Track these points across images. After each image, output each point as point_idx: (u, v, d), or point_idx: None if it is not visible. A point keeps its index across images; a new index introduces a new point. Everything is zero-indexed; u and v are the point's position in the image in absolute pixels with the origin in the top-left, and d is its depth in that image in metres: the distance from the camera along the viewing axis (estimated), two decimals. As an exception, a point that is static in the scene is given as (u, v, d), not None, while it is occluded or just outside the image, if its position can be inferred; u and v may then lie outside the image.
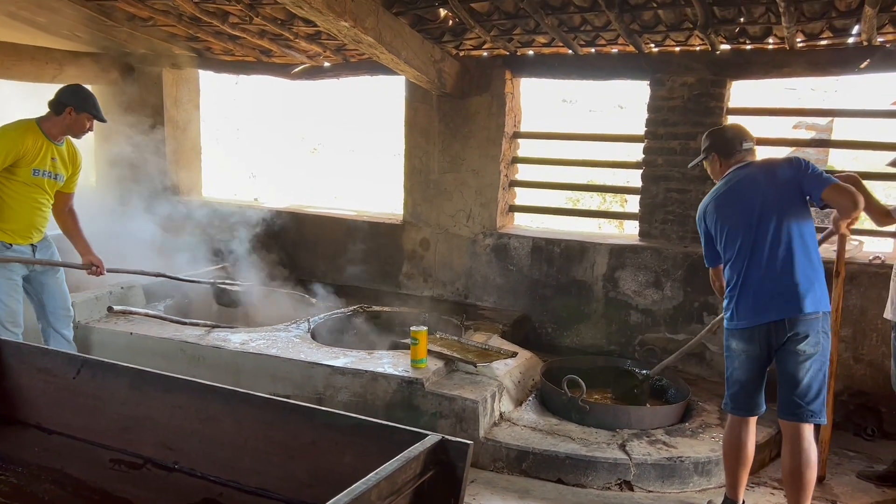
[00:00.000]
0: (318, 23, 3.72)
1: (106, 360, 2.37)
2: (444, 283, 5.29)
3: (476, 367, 3.88)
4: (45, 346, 2.52)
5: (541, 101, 5.35)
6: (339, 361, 3.88)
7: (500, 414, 3.83)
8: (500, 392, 3.84)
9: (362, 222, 5.59)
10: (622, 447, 3.54)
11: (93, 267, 3.95)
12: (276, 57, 5.63)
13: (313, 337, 4.35)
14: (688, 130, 4.52)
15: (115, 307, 4.15)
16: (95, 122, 3.82)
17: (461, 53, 4.96)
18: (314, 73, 5.66)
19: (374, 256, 5.47)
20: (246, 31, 5.12)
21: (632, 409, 3.84)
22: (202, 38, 5.54)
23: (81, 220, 4.02)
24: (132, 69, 6.25)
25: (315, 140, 14.13)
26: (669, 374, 4.20)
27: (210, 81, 6.64)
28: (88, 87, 5.85)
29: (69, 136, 3.84)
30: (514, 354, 4.12)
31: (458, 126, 5.10)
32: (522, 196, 5.41)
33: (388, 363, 3.89)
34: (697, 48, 4.43)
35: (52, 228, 3.93)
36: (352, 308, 4.86)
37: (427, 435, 1.84)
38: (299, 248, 5.78)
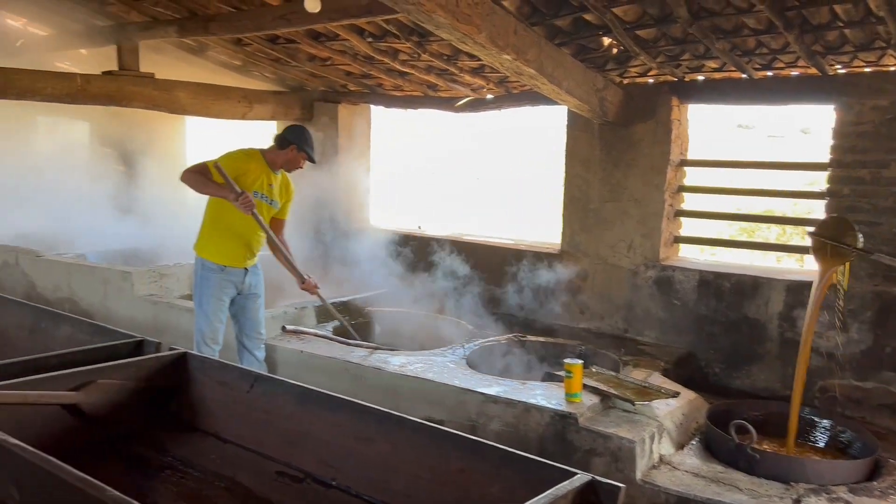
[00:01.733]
0: (482, 57, 3.81)
1: (276, 376, 2.54)
2: (601, 315, 5.16)
3: (634, 405, 3.73)
4: (224, 361, 2.75)
5: (714, 126, 5.11)
6: (492, 390, 3.89)
7: (660, 456, 3.64)
8: (660, 433, 3.66)
9: (519, 251, 5.60)
10: (796, 503, 3.23)
11: (307, 282, 4.35)
12: (441, 91, 5.84)
13: (468, 363, 4.40)
14: (879, 158, 4.11)
15: (288, 327, 4.44)
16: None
17: (625, 81, 4.87)
18: (477, 105, 5.79)
19: (529, 285, 5.45)
20: (414, 67, 5.35)
21: (809, 460, 3.51)
22: (374, 76, 5.87)
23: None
24: (311, 106, 6.73)
25: (478, 169, 14.42)
26: (854, 426, 3.80)
27: (380, 114, 7.01)
28: (273, 122, 6.39)
29: (285, 170, 4.23)
30: (676, 394, 3.92)
31: (619, 154, 4.99)
32: (689, 227, 5.17)
33: (542, 395, 3.84)
34: (892, 68, 4.03)
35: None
36: (507, 336, 4.87)
37: (577, 474, 1.79)
38: (457, 275, 5.88)
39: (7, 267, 6.39)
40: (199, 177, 3.94)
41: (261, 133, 6.91)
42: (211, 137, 8.46)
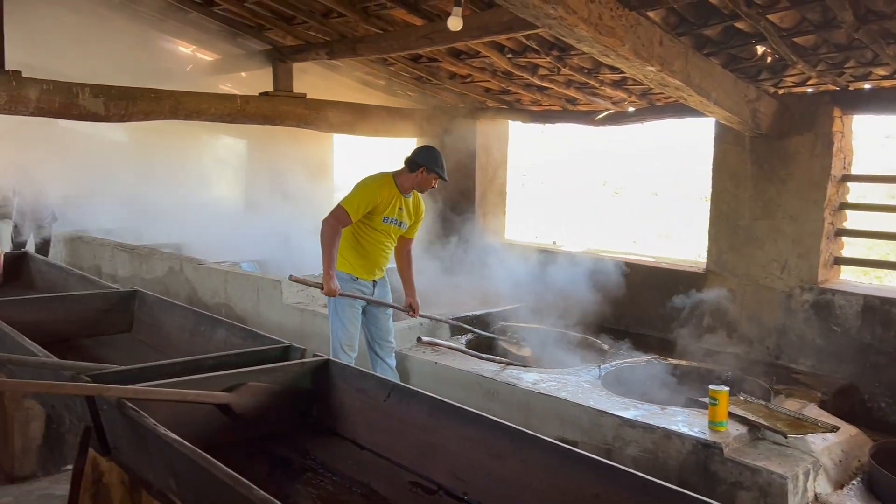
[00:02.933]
0: (624, 69, 3.72)
1: (411, 387, 2.58)
2: (750, 339, 4.84)
3: (787, 437, 3.46)
4: (363, 370, 2.83)
5: (858, 137, 4.69)
6: (630, 413, 3.74)
7: (815, 495, 3.35)
8: (816, 470, 3.37)
9: (660, 269, 5.39)
10: (981, 560, 2.87)
11: (410, 310, 4.45)
12: (580, 105, 5.76)
13: (604, 384, 4.27)
14: None
15: (424, 338, 4.52)
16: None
17: (780, 91, 4.58)
18: (618, 118, 5.66)
19: (670, 304, 5.22)
20: (554, 81, 5.32)
21: None
22: (513, 91, 5.89)
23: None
24: (451, 122, 6.86)
25: (617, 183, 14.06)
26: None
27: (517, 129, 7.02)
28: (415, 140, 6.57)
29: (416, 191, 4.36)
30: (835, 428, 3.60)
31: (773, 168, 4.68)
32: (852, 247, 4.76)
33: (683, 422, 3.65)
34: None
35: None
36: (646, 358, 4.68)
37: (720, 508, 1.68)
38: (593, 292, 5.75)
39: (173, 273, 6.96)
40: (330, 234, 4.10)
41: (404, 147, 7.12)
42: (356, 151, 8.84)
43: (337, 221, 4.14)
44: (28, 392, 3.33)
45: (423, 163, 4.21)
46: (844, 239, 4.67)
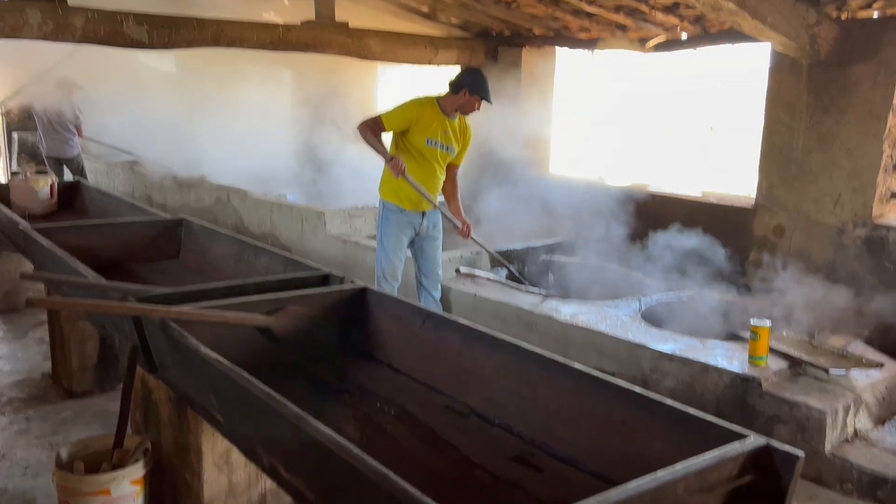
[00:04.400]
0: (674, -9, 3.55)
1: (445, 314, 2.61)
2: (798, 275, 4.72)
3: (828, 373, 3.41)
4: (400, 297, 2.87)
5: None
6: (668, 346, 3.73)
7: (855, 430, 3.32)
8: (857, 406, 3.33)
9: (707, 204, 5.26)
10: None
11: (465, 226, 4.41)
12: (630, 31, 5.55)
13: (644, 318, 4.25)
14: None
15: (462, 269, 4.54)
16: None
17: (843, 16, 4.32)
18: (670, 45, 5.44)
19: (717, 240, 5.11)
20: (602, 6, 5.12)
21: None
22: (560, 17, 5.70)
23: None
24: (496, 50, 6.69)
25: (670, 118, 13.60)
26: None
27: (565, 58, 6.82)
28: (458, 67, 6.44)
29: (461, 114, 4.29)
30: (880, 365, 3.53)
31: (831, 99, 4.47)
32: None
33: (722, 355, 3.62)
34: None
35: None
36: (688, 293, 4.63)
37: (748, 436, 1.67)
38: (636, 226, 5.66)
39: (220, 203, 7.10)
40: (368, 132, 4.09)
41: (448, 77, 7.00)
42: (400, 82, 8.74)
43: (367, 127, 4.11)
44: (77, 310, 3.47)
45: (465, 84, 4.14)
46: (904, 173, 4.48)
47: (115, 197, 5.26)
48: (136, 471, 2.56)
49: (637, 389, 1.97)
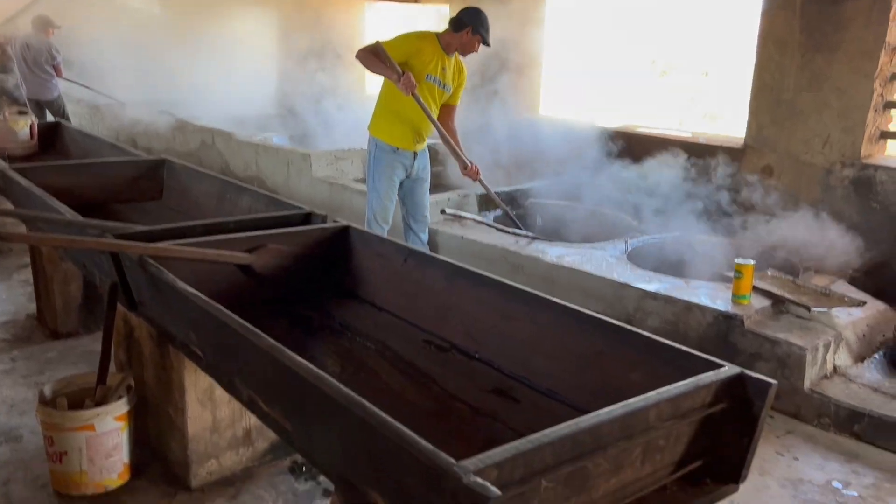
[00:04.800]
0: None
1: (428, 252, 2.59)
2: (786, 216, 4.71)
3: (810, 310, 3.44)
4: (382, 236, 2.84)
5: None
6: (652, 286, 3.75)
7: (834, 367, 3.37)
8: (838, 343, 3.37)
9: (696, 144, 5.22)
10: None
11: (472, 166, 4.33)
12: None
13: (630, 259, 4.25)
14: None
15: (448, 210, 4.50)
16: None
17: (839, -52, 4.22)
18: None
19: (704, 181, 5.09)
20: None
21: None
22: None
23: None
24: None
25: (665, 62, 13.39)
26: None
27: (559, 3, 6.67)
28: (447, 7, 6.28)
29: (459, 53, 4.18)
30: (861, 303, 3.56)
31: (824, 36, 4.39)
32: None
33: (706, 294, 3.64)
34: None
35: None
36: (673, 234, 4.62)
37: (724, 366, 1.68)
38: (625, 168, 5.62)
39: (205, 146, 7.01)
40: (370, 55, 3.99)
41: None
42: (387, 22, 8.55)
43: (368, 51, 4.00)
44: (52, 246, 3.42)
45: (469, 22, 4.02)
46: (894, 113, 4.43)
47: (97, 138, 5.17)
48: (120, 407, 2.57)
49: (616, 322, 1.97)
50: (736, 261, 3.54)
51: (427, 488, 1.29)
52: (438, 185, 4.51)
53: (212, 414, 2.63)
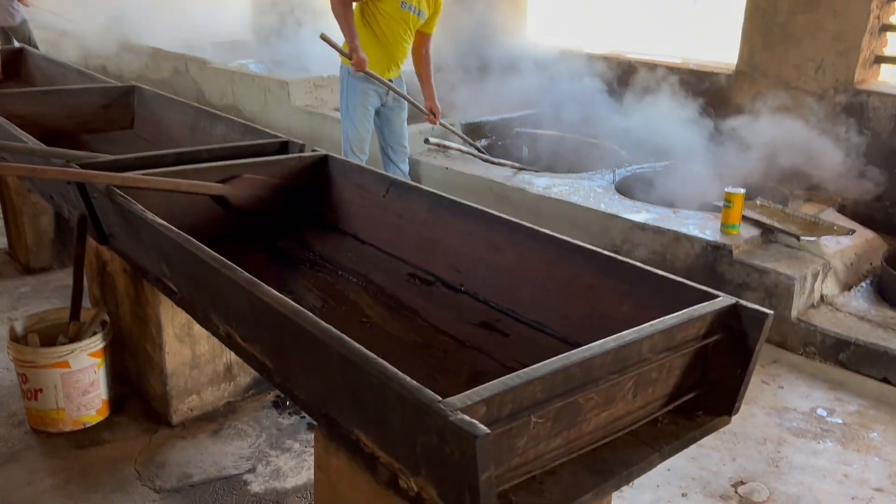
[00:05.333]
0: None
1: (410, 182, 2.49)
2: (776, 143, 4.63)
3: (799, 239, 3.40)
4: (362, 166, 2.72)
5: None
6: (640, 217, 3.68)
7: (822, 296, 3.35)
8: (826, 272, 3.34)
9: (686, 70, 5.07)
10: (979, 359, 2.89)
11: (430, 114, 4.23)
12: None
13: (618, 189, 4.17)
14: None
15: (432, 139, 4.36)
16: None
17: None
18: None
19: (693, 108, 4.97)
20: None
21: None
22: None
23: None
24: None
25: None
26: None
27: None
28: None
29: None
30: (850, 232, 3.53)
31: (822, -45, 4.21)
32: (896, 46, 4.39)
33: (694, 224, 3.59)
34: None
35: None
36: (663, 163, 4.54)
37: (719, 296, 1.62)
38: (613, 96, 5.48)
39: (178, 74, 6.75)
40: (338, 6, 3.77)
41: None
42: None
43: (345, 4, 3.82)
44: (12, 174, 3.28)
45: None
46: (890, 36, 4.30)
47: (64, 64, 4.92)
48: (95, 343, 2.50)
49: (605, 252, 1.90)
50: (726, 189, 3.47)
51: (412, 426, 1.23)
52: (419, 114, 4.35)
53: (191, 349, 2.56)
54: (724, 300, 1.61)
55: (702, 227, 3.54)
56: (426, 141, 4.33)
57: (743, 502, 2.33)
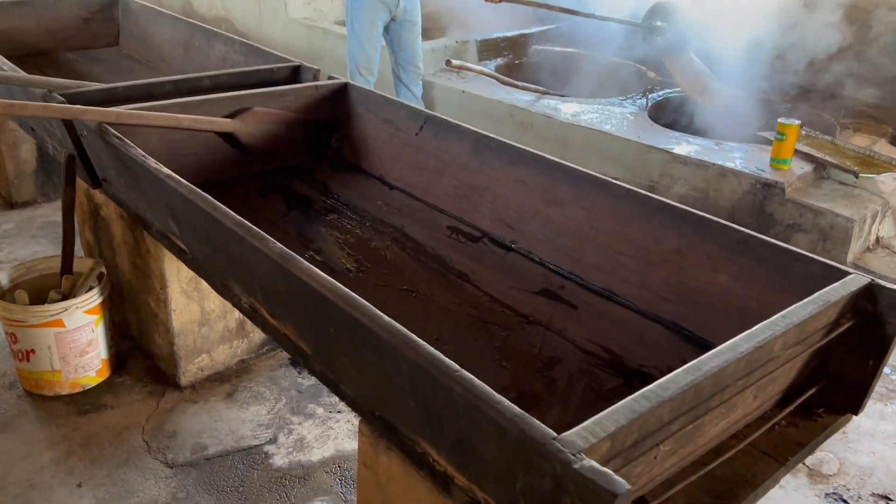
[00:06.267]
0: None
1: (450, 119, 2.16)
2: (816, 66, 4.27)
3: (857, 177, 3.11)
4: (391, 97, 2.38)
5: None
6: (682, 148, 3.37)
7: (878, 238, 3.10)
8: (884, 212, 3.08)
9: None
10: None
11: None
12: None
13: (650, 115, 3.84)
14: None
15: (453, 61, 3.97)
16: None
17: None
18: None
19: (729, 32, 4.55)
20: None
21: None
22: None
23: None
24: None
25: None
26: None
27: None
28: None
29: None
30: (910, 169, 3.24)
31: None
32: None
33: (740, 158, 3.28)
34: None
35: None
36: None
37: (849, 273, 1.35)
38: (646, 8, 5.02)
39: (163, -18, 6.18)
40: None
41: None
42: None
43: None
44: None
45: None
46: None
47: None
48: (91, 299, 2.22)
49: (697, 212, 1.61)
50: (779, 120, 3.15)
51: (511, 462, 0.97)
52: (433, 30, 3.94)
53: (199, 305, 2.29)
54: (856, 279, 1.34)
55: (749, 161, 3.24)
56: (448, 62, 3.94)
57: (812, 474, 2.15)
